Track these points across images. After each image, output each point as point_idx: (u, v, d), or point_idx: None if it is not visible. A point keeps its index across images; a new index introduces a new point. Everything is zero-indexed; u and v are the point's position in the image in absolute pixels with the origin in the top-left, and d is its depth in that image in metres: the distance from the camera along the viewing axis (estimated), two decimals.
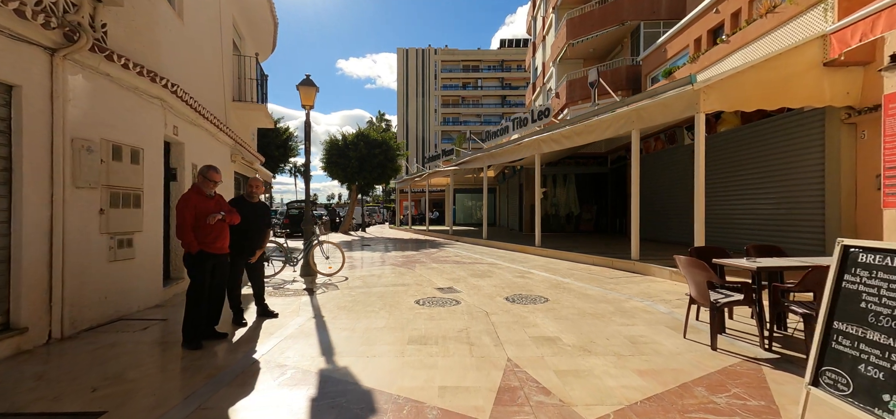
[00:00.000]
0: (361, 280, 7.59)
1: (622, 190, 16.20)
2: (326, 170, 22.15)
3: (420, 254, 12.01)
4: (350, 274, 8.28)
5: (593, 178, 17.59)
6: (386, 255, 11.91)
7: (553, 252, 10.72)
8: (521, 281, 7.30)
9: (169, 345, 3.96)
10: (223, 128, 8.16)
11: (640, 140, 13.94)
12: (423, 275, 8.04)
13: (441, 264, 9.77)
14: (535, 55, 28.67)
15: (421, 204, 33.87)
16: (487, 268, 8.89)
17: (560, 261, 9.80)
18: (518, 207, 20.16)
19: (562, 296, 6.00)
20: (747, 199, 9.59)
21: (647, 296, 5.92)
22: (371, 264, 9.91)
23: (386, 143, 21.73)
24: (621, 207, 16.35)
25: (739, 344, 3.82)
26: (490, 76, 69.30)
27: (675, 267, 7.19)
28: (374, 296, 6.09)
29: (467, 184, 29.65)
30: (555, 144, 10.92)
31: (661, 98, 7.57)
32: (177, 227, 3.72)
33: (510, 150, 13.06)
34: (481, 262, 9.99)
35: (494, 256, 11.24)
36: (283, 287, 6.90)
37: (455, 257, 11.18)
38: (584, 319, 4.73)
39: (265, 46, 12.65)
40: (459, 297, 6.00)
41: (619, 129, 8.69)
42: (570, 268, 8.79)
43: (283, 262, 7.93)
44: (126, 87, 4.79)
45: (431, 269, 8.87)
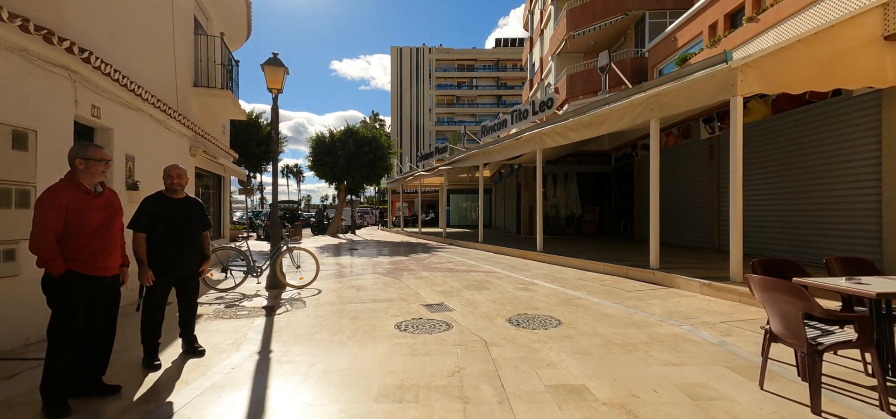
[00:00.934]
0: (336, 294, 6.42)
1: (627, 190, 15.15)
2: (313, 168, 20.92)
3: (409, 261, 10.85)
4: (325, 286, 7.11)
5: (596, 177, 16.53)
6: (372, 261, 10.75)
7: (557, 258, 9.61)
8: (525, 294, 6.18)
9: (31, 404, 2.76)
10: (176, 115, 6.96)
11: (649, 134, 12.95)
12: (410, 287, 6.90)
13: (432, 272, 8.63)
14: (532, 50, 27.65)
15: (414, 205, 32.73)
16: (484, 278, 7.76)
17: (566, 269, 8.69)
18: (515, 208, 19.07)
19: (577, 316, 4.88)
20: (779, 200, 8.54)
21: (681, 316, 4.81)
22: (352, 273, 8.73)
23: (376, 140, 20.55)
24: (627, 208, 15.30)
25: (845, 401, 2.71)
26: (485, 75, 68.33)
27: (705, 278, 6.10)
28: (347, 318, 4.93)
29: (462, 184, 28.55)
30: (559, 138, 9.82)
31: (687, 81, 6.49)
32: (31, 236, 2.54)
33: (509, 146, 11.95)
34: (477, 270, 8.85)
35: (491, 262, 10.11)
36: (237, 305, 5.72)
37: (448, 263, 10.05)
38: (612, 354, 3.61)
39: (237, 31, 11.45)
40: (451, 318, 4.86)
41: (635, 118, 7.60)
42: (579, 277, 7.68)
43: (245, 273, 6.75)
44: (7, 46, 3.61)
45: (421, 279, 7.73)
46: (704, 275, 6.41)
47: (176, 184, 3.69)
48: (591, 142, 14.83)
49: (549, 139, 10.15)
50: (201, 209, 3.91)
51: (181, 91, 7.71)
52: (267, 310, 5.32)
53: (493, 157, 12.99)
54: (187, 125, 7.66)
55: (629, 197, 15.03)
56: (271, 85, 6.92)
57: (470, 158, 14.87)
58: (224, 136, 11.21)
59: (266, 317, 5.01)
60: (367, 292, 6.54)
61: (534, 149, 10.81)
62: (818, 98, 7.37)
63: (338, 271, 8.98)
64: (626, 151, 14.77)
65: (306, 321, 4.81)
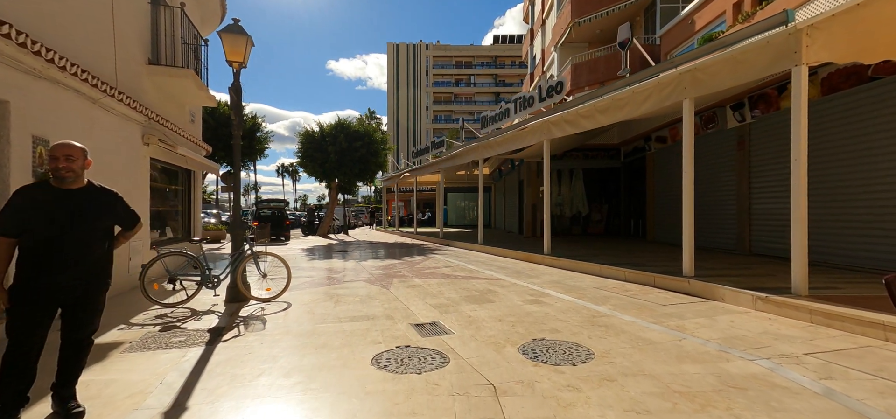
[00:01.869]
0: (308, 309, 5.28)
1: (639, 187, 14.05)
2: (302, 165, 19.74)
3: (402, 265, 9.71)
4: (298, 298, 5.96)
5: (604, 173, 15.43)
6: (360, 266, 9.60)
7: (568, 262, 8.48)
8: (538, 310, 5.05)
9: None
10: (116, 93, 5.79)
11: (665, 125, 11.82)
12: (399, 299, 5.76)
13: (426, 279, 7.49)
14: (533, 43, 26.54)
15: (410, 204, 31.55)
16: (486, 287, 6.63)
17: (580, 276, 7.57)
18: (517, 207, 17.95)
19: (610, 343, 3.75)
20: (830, 196, 7.42)
21: (747, 344, 3.69)
22: (333, 280, 7.59)
23: (368, 134, 19.36)
24: (638, 207, 14.20)
25: None
26: (483, 72, 67.23)
27: (758, 290, 4.99)
28: (312, 348, 3.80)
29: (460, 182, 27.42)
30: (569, 127, 8.69)
31: (733, 51, 5.37)
32: None
33: (511, 138, 10.82)
34: (478, 277, 7.72)
35: (493, 266, 8.98)
36: (179, 326, 4.55)
37: (444, 268, 8.91)
38: (681, 414, 2.48)
39: (210, 11, 10.28)
40: (448, 346, 3.73)
41: (663, 99, 6.48)
42: (598, 286, 6.55)
43: (198, 284, 5.59)
44: None
45: (412, 288, 6.59)
46: (754, 286, 5.30)
47: (63, 169, 2.51)
48: (599, 135, 13.73)
49: (558, 128, 9.02)
50: (113, 202, 2.74)
51: (128, 67, 6.54)
52: (212, 335, 4.17)
53: (493, 150, 11.86)
54: (137, 108, 6.49)
55: (641, 194, 13.93)
56: (231, 57, 5.77)
57: (468, 153, 13.73)
58: (194, 126, 10.03)
59: (206, 345, 3.86)
60: (346, 306, 5.40)
61: (540, 140, 9.68)
62: (885, 72, 6.27)
63: (318, 278, 7.82)
64: (637, 145, 13.67)
65: (255, 353, 3.66)
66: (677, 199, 12.14)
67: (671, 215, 12.06)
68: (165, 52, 8.25)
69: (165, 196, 9.06)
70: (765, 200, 8.64)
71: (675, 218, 12.32)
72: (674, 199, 11.82)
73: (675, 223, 12.10)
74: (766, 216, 8.63)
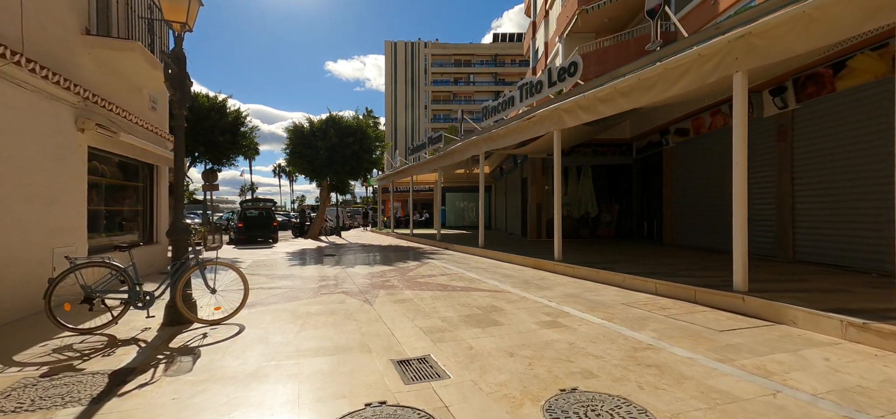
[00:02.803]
0: (262, 336, 4.10)
1: (655, 185, 12.90)
2: (290, 163, 18.55)
3: (393, 272, 8.54)
4: (255, 319, 4.78)
5: (614, 170, 14.26)
6: (345, 274, 8.42)
7: (584, 270, 7.31)
8: (559, 338, 3.89)
9: None
10: (24, 61, 4.61)
11: (687, 116, 10.61)
12: (382, 320, 4.59)
13: (418, 291, 6.32)
14: (535, 36, 25.40)
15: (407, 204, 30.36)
16: (490, 302, 5.45)
17: (601, 288, 6.40)
18: (520, 208, 16.78)
19: (674, 399, 2.59)
20: None
21: (877, 403, 2.53)
22: (309, 292, 6.40)
23: (361, 130, 18.16)
24: (654, 207, 13.05)
25: None
26: (483, 71, 66.12)
27: (848, 314, 3.82)
28: (243, 406, 2.62)
29: (459, 181, 26.29)
30: (584, 114, 7.53)
31: (804, 6, 4.20)
32: None
33: (516, 129, 9.64)
34: (479, 288, 6.55)
35: (497, 274, 7.82)
36: (71, 367, 3.37)
37: (441, 276, 7.74)
38: None
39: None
40: (439, 405, 2.56)
41: (706, 75, 5.32)
42: (625, 301, 5.39)
43: (124, 303, 4.40)
44: None
45: (401, 304, 5.42)
46: (832, 306, 4.14)
47: None
48: (610, 128, 12.59)
49: (571, 116, 7.85)
50: None
51: (51, 34, 5.35)
52: (110, 383, 2.98)
53: (496, 143, 10.69)
54: (67, 85, 5.31)
55: (656, 194, 12.77)
56: (171, 16, 4.59)
57: (467, 147, 12.56)
58: (156, 114, 8.83)
59: (90, 403, 2.68)
60: (313, 332, 4.22)
61: (550, 130, 8.51)
62: None
63: (292, 288, 6.64)
64: (652, 139, 12.51)
65: (155, 417, 2.48)
66: (700, 199, 11.13)
67: (692, 216, 10.90)
68: (117, 25, 7.09)
69: (119, 193, 7.88)
70: (813, 200, 7.48)
71: (698, 219, 11.22)
72: (696, 198, 10.71)
73: (698, 225, 11.04)
74: (813, 218, 7.47)
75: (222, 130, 14.96)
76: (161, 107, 9.11)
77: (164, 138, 8.94)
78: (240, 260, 11.30)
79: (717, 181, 9.87)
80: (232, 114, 15.34)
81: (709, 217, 10.18)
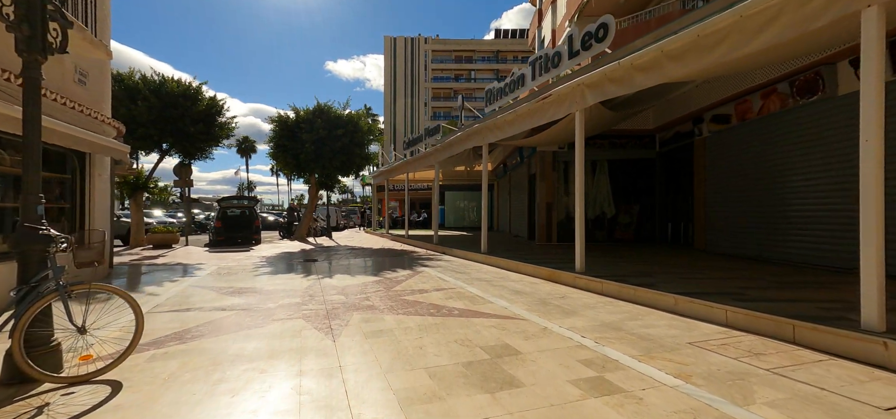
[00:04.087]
0: (139, 412, 2.52)
1: (683, 182, 11.32)
2: (273, 157, 16.97)
3: (377, 285, 6.96)
4: (141, 374, 3.20)
5: (634, 165, 12.67)
6: (317, 286, 6.85)
7: (613, 286, 5.73)
8: (617, 410, 2.30)
9: None
10: None
11: (729, 99, 8.90)
12: (339, 373, 3.01)
13: (403, 316, 4.73)
14: (541, 25, 23.82)
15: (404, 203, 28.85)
16: (500, 337, 3.86)
17: (646, 314, 4.81)
18: (527, 208, 15.20)
19: None
20: None
21: None
22: (257, 316, 4.81)
23: (352, 121, 16.57)
24: (681, 208, 11.46)
25: None
26: (484, 68, 64.54)
27: None
28: None
29: (459, 178, 24.73)
30: (616, 87, 5.94)
31: None
32: None
33: (529, 113, 8.05)
34: (484, 312, 4.95)
35: (505, 290, 6.23)
36: None
37: (435, 292, 6.16)
38: None
39: None
40: None
41: (816, 14, 3.71)
42: (693, 338, 3.79)
43: None
44: None
45: (375, 341, 3.83)
46: None
47: None
48: (633, 115, 10.98)
49: (596, 91, 6.26)
50: None
51: None
52: None
53: (502, 131, 9.09)
54: None
55: (685, 192, 11.19)
56: None
57: (468, 137, 10.97)
58: (83, 89, 7.24)
59: None
60: (223, 402, 2.64)
61: (571, 112, 6.92)
62: None
63: (238, 312, 5.05)
64: (680, 129, 10.92)
65: None
66: (746, 198, 8.75)
67: (733, 219, 9.29)
68: None
69: None
70: None
71: (741, 222, 8.92)
72: (740, 197, 8.94)
73: (741, 229, 8.96)
74: None
75: (194, 120, 13.37)
76: (96, 83, 7.52)
77: (101, 121, 7.35)
78: (202, 265, 9.73)
79: (769, 176, 8.26)
80: (205, 102, 13.75)
81: (757, 220, 8.58)
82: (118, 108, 12.18)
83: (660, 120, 11.61)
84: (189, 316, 4.87)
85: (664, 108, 11.22)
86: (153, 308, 5.29)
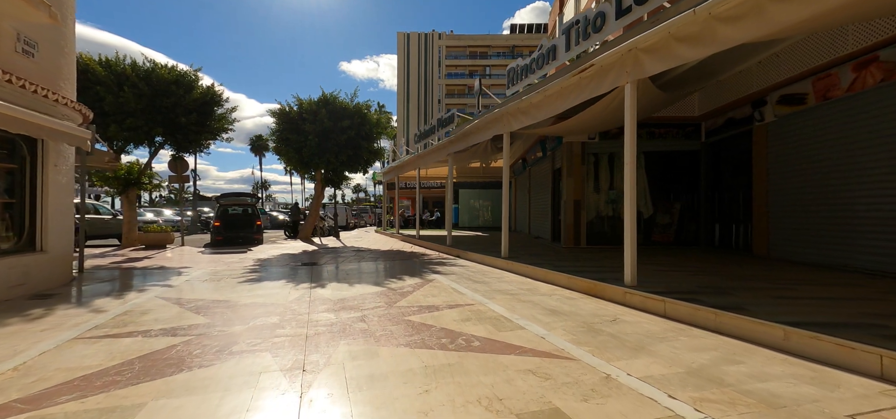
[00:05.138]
0: None
1: (734, 176, 9.80)
2: (277, 151, 15.91)
3: (378, 298, 5.70)
4: None
5: (675, 158, 11.17)
6: (305, 299, 5.63)
7: (684, 309, 4.34)
8: None
9: None
10: None
11: (810, 74, 7.03)
12: None
13: (406, 350, 3.43)
14: (563, 11, 22.27)
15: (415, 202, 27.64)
16: (541, 392, 2.53)
17: (749, 353, 3.42)
18: (550, 206, 13.79)
19: None
20: None
21: None
22: (214, 344, 3.58)
23: (359, 112, 15.37)
24: (729, 206, 9.93)
25: None
26: (499, 64, 62.96)
27: None
28: None
29: (474, 175, 23.41)
30: (687, 48, 4.54)
31: None
32: None
33: (563, 90, 6.68)
34: (518, 343, 3.62)
35: (538, 308, 4.89)
36: None
37: (448, 310, 4.85)
38: None
39: None
40: None
41: None
42: (839, 397, 2.40)
43: None
44: None
45: (362, 398, 2.54)
46: None
47: None
48: (678, 99, 9.49)
49: (657, 56, 4.87)
50: None
51: None
52: None
53: (530, 116, 7.73)
54: None
55: (739, 187, 9.66)
56: None
57: (490, 125, 9.63)
58: (32, 62, 6.13)
59: None
60: None
61: (620, 84, 5.53)
62: None
63: (195, 336, 3.83)
64: (735, 115, 9.39)
65: None
66: (830, 196, 7.03)
67: (809, 221, 7.75)
68: None
69: None
70: None
71: (822, 225, 7.32)
72: (820, 194, 7.25)
73: (821, 234, 7.36)
74: None
75: (187, 109, 12.33)
76: (49, 57, 6.42)
77: (56, 102, 6.24)
78: (186, 269, 8.63)
79: (860, 169, 6.72)
80: (200, 90, 12.70)
81: (842, 221, 7.04)
82: (104, 96, 11.22)
83: (707, 105, 10.08)
84: (122, 346, 3.67)
85: (713, 90, 9.70)
86: (85, 332, 4.11)
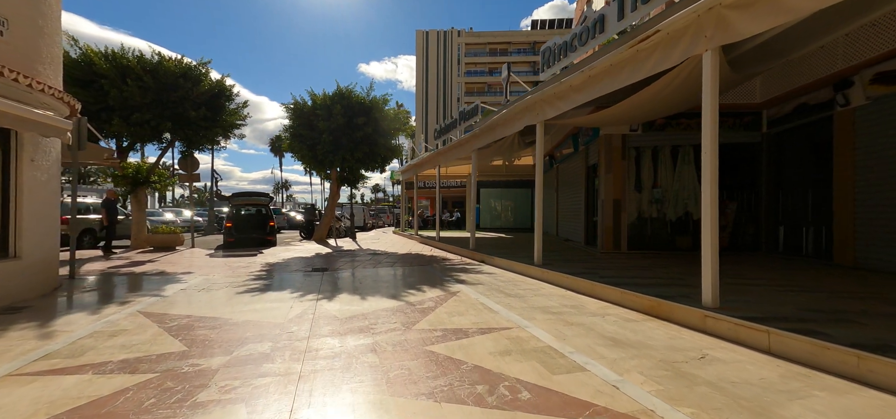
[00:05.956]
0: None
1: (805, 172, 8.46)
2: (290, 149, 15.21)
3: (392, 319, 4.74)
4: None
5: (730, 152, 9.83)
6: (307, 315, 4.72)
7: (808, 346, 3.19)
8: None
9: None
10: None
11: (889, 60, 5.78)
12: None
13: (426, 401, 2.43)
14: (590, 2, 20.95)
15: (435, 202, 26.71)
16: None
17: None
18: (583, 207, 12.60)
19: None
20: None
21: None
22: (171, 386, 2.66)
23: (376, 106, 14.51)
24: (796, 206, 8.58)
25: None
26: (520, 60, 61.53)
27: None
28: None
29: (496, 174, 22.30)
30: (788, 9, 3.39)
31: None
32: None
33: (612, 67, 5.58)
34: (585, 398, 2.56)
35: (597, 339, 3.83)
36: None
37: (479, 335, 3.84)
38: None
39: None
40: None
41: None
42: None
43: None
44: None
45: None
46: None
47: None
48: (729, 90, 8.22)
49: (748, 11, 3.73)
50: None
51: None
52: None
53: (569, 100, 6.64)
54: None
55: (812, 184, 8.31)
56: None
57: (521, 114, 8.56)
58: (7, 45, 5.42)
59: None
60: None
61: (690, 55, 4.41)
62: None
63: (146, 378, 2.93)
64: (809, 100, 8.06)
65: None
66: None
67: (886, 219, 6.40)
68: None
69: None
70: None
71: None
72: None
73: None
74: None
75: (196, 104, 11.69)
76: (25, 37, 5.70)
77: (28, 87, 5.51)
78: (188, 275, 7.88)
79: None
80: (208, 83, 12.05)
81: None
82: (109, 90, 10.66)
83: (772, 90, 8.75)
84: (58, 389, 2.79)
85: (780, 73, 8.38)
86: (26, 365, 3.27)
